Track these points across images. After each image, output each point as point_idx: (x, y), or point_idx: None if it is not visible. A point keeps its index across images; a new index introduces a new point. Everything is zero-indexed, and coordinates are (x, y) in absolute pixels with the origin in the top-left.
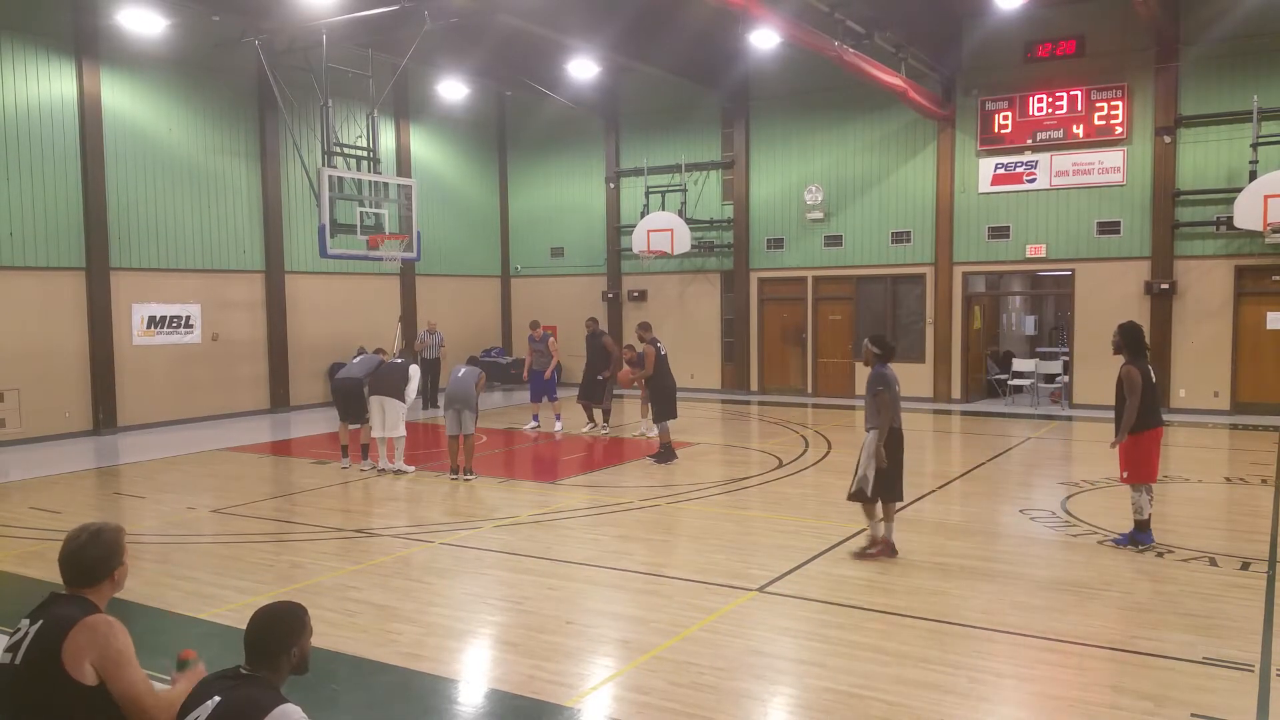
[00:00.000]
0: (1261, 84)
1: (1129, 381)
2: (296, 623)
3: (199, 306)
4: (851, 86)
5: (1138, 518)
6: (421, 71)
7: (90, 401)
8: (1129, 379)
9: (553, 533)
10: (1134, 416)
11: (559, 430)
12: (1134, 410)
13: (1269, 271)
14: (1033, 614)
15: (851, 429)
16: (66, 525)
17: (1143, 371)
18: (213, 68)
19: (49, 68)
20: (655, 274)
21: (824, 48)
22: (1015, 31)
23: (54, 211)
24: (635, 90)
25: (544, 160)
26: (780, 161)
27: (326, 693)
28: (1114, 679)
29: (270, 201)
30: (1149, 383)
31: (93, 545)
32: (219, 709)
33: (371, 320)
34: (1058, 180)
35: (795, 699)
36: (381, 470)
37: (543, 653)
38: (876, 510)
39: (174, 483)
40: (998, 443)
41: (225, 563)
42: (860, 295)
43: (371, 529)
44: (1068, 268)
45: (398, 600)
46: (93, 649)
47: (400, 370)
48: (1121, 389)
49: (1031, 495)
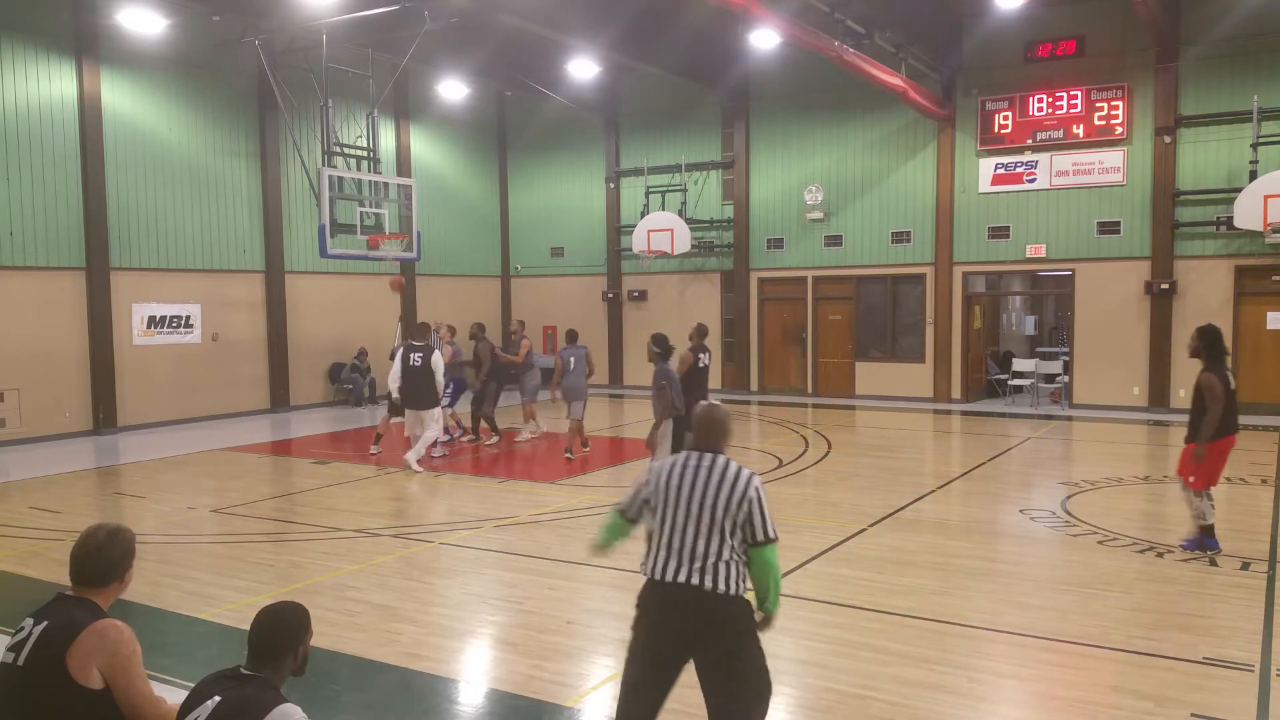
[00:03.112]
0: (1261, 84)
1: (1209, 390)
2: (301, 624)
3: (199, 306)
4: (851, 86)
5: (1202, 523)
6: (421, 71)
7: (90, 401)
8: (1209, 388)
9: (553, 533)
10: (1215, 425)
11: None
12: (1215, 420)
13: (1269, 271)
14: (1033, 614)
15: (852, 429)
16: (66, 525)
17: (1222, 378)
18: (213, 68)
19: (49, 67)
20: (655, 274)
21: (824, 48)
22: (1015, 31)
23: (54, 211)
24: (635, 90)
25: (544, 160)
26: (780, 161)
27: (326, 693)
28: (1114, 679)
29: (270, 201)
30: (1229, 390)
31: (110, 546)
32: (219, 709)
33: (371, 320)
34: (1058, 180)
35: (795, 699)
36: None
37: (543, 653)
38: None
39: (174, 483)
40: (998, 443)
41: (225, 563)
42: (860, 295)
43: (371, 529)
44: (1068, 268)
45: (398, 600)
46: (101, 654)
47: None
48: (1201, 396)
49: (1031, 495)
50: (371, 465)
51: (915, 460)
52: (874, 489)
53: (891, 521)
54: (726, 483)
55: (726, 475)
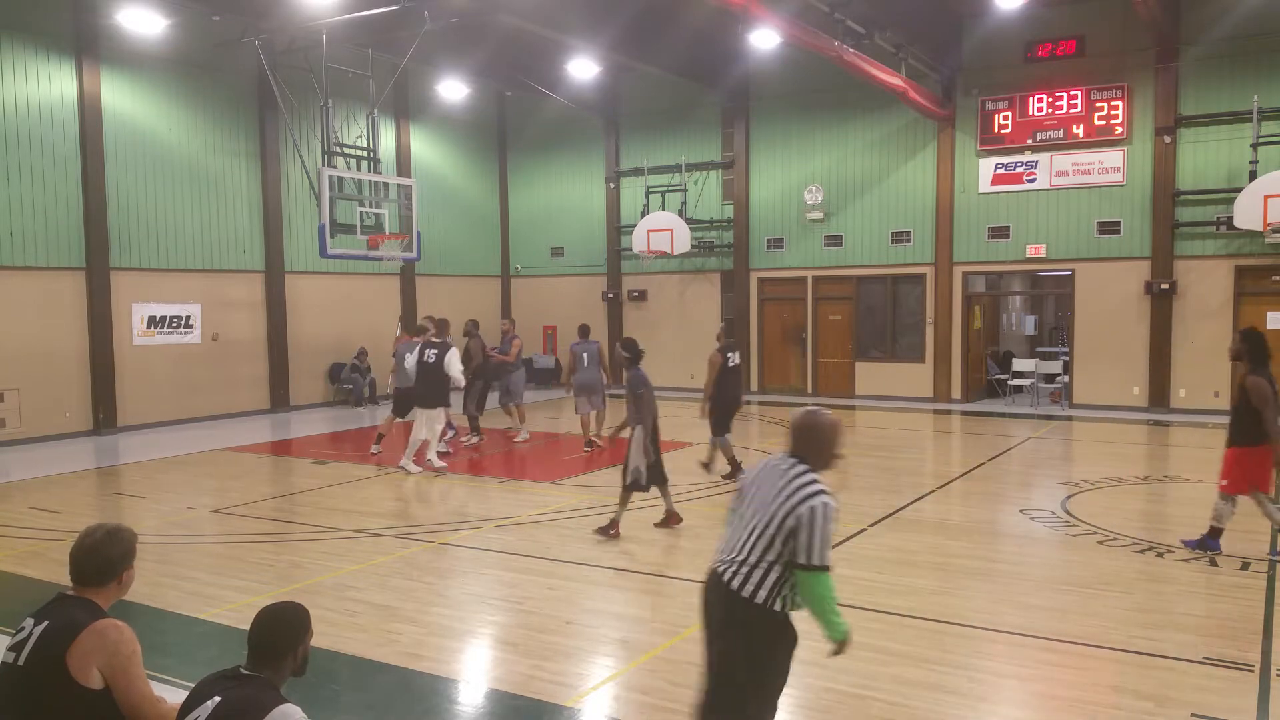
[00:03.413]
0: (1262, 84)
1: (1258, 394)
2: (301, 624)
3: (199, 306)
4: (851, 86)
5: (1215, 524)
6: (421, 71)
7: (90, 401)
8: (1258, 391)
9: (553, 533)
10: (1276, 426)
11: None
12: (1274, 424)
13: (1269, 271)
14: (1033, 614)
15: (852, 429)
16: (66, 525)
17: (1270, 381)
18: (213, 68)
19: (49, 67)
20: (655, 274)
21: (824, 48)
22: (1015, 31)
23: (54, 211)
24: (635, 90)
25: (544, 160)
26: (780, 161)
27: (326, 693)
28: (1114, 679)
29: (270, 201)
30: (1275, 392)
31: (108, 544)
32: (219, 709)
33: (371, 320)
34: (1058, 180)
35: (795, 699)
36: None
37: (543, 653)
38: (631, 499)
39: (174, 483)
40: (998, 443)
41: (225, 563)
42: (860, 295)
43: (371, 529)
44: (1068, 268)
45: (398, 600)
46: (102, 654)
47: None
48: (1246, 399)
49: (1031, 495)
50: (372, 465)
51: (915, 460)
52: (874, 489)
53: (891, 521)
54: (785, 491)
55: (791, 484)
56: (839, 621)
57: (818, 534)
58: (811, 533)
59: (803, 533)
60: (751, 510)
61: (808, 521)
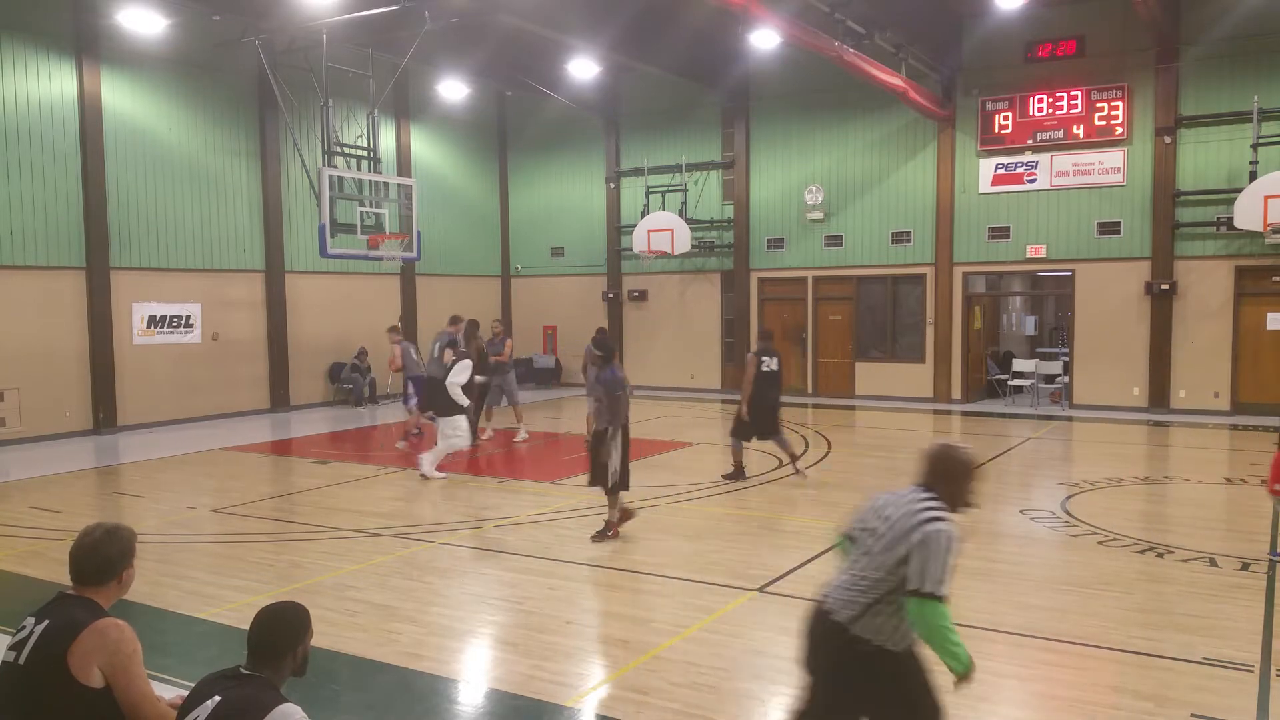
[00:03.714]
0: (1262, 84)
1: None
2: (301, 624)
3: (199, 306)
4: (851, 86)
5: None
6: (421, 71)
7: (90, 401)
8: None
9: (553, 533)
10: None
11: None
12: None
13: (1269, 272)
14: (1033, 614)
15: (852, 429)
16: (66, 525)
17: None
18: (213, 68)
19: (49, 67)
20: (655, 274)
21: (824, 48)
22: (1015, 31)
23: (54, 211)
24: (635, 90)
25: (544, 160)
26: (780, 161)
27: (326, 693)
28: (1114, 679)
29: (270, 201)
30: None
31: (107, 543)
32: (219, 709)
33: (372, 320)
34: (1058, 180)
35: (791, 700)
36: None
37: (543, 653)
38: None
39: (174, 482)
40: (998, 443)
41: (225, 563)
42: (860, 295)
43: (371, 529)
44: (1068, 268)
45: (398, 600)
46: (102, 653)
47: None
48: None
49: (1031, 495)
50: (372, 465)
51: (915, 460)
52: (874, 489)
53: None
54: (904, 516)
55: (910, 509)
56: (960, 651)
57: (935, 561)
58: (927, 558)
59: (915, 558)
60: (864, 535)
61: (921, 547)
